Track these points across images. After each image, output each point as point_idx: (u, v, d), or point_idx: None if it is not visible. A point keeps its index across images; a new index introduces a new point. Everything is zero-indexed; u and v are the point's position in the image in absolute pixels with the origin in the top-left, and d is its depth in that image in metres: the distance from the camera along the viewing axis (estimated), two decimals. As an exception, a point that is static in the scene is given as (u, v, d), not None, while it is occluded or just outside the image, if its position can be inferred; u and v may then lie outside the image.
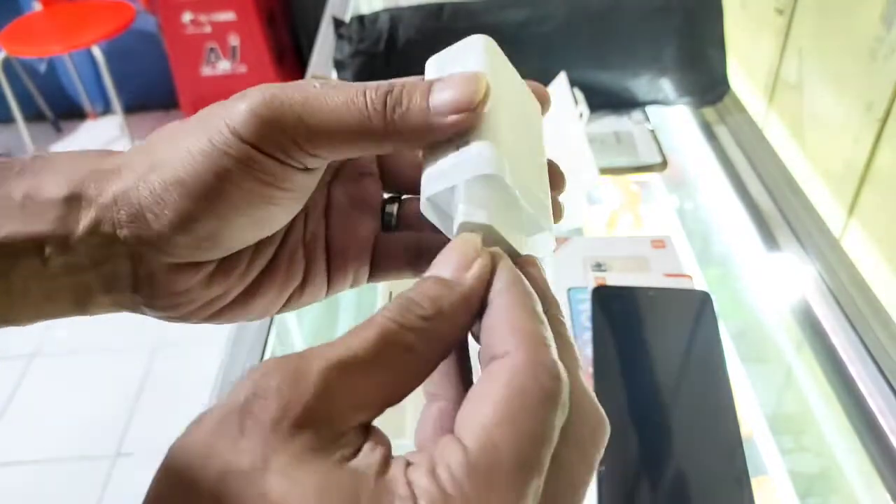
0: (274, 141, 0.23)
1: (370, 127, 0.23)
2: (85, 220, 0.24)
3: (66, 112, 2.90)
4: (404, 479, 0.17)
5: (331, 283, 0.29)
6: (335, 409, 0.17)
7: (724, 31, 0.89)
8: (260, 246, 0.27)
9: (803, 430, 0.68)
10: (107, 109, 2.94)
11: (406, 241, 0.29)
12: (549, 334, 0.20)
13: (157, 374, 1.87)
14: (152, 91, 2.81)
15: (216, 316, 0.27)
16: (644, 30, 0.88)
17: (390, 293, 0.61)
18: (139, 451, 1.67)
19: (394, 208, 0.29)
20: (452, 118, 0.22)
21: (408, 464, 0.18)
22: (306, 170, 0.24)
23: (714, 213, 0.88)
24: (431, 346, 0.19)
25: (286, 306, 0.28)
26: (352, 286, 0.29)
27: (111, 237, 0.24)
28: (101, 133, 2.86)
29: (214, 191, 0.23)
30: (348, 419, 0.18)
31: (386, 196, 0.30)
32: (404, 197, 0.30)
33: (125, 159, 0.25)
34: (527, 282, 0.21)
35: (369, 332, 0.19)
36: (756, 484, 0.43)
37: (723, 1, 0.88)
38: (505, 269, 0.21)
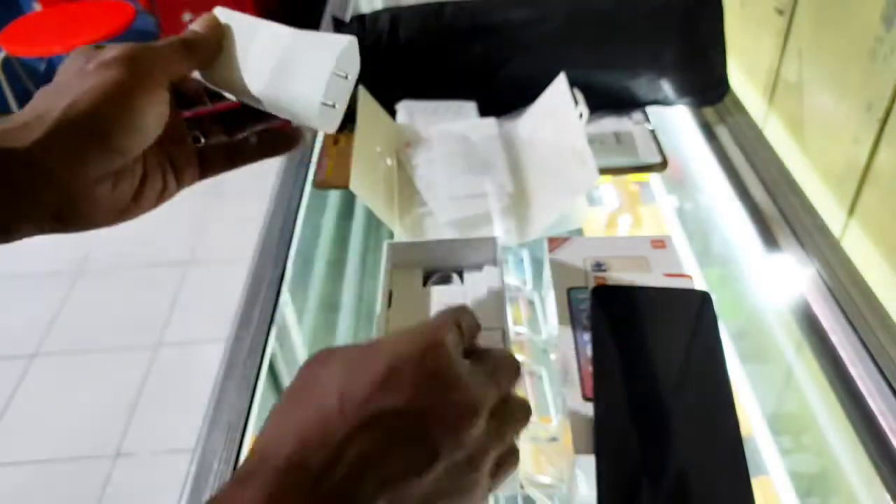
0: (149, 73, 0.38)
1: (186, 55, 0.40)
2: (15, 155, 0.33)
3: (66, 112, 2.90)
4: None
5: (179, 182, 0.43)
6: None
7: (724, 31, 0.89)
8: (133, 166, 0.39)
9: (803, 430, 0.68)
10: (107, 109, 2.94)
11: (224, 149, 0.45)
12: None
13: (157, 374, 1.87)
14: (152, 91, 2.81)
15: (116, 219, 0.40)
16: (644, 30, 0.88)
17: (390, 292, 0.62)
18: (139, 451, 1.67)
19: (196, 133, 0.44)
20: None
21: None
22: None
23: (714, 213, 0.88)
24: None
25: (159, 201, 0.42)
26: (190, 184, 0.44)
27: (45, 169, 0.34)
28: (101, 133, 2.86)
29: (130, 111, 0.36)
30: None
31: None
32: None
33: (32, 113, 0.35)
34: None
35: None
36: (756, 484, 0.43)
37: (723, 1, 0.88)
38: None
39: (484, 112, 0.91)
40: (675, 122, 0.97)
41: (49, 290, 2.19)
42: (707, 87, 0.91)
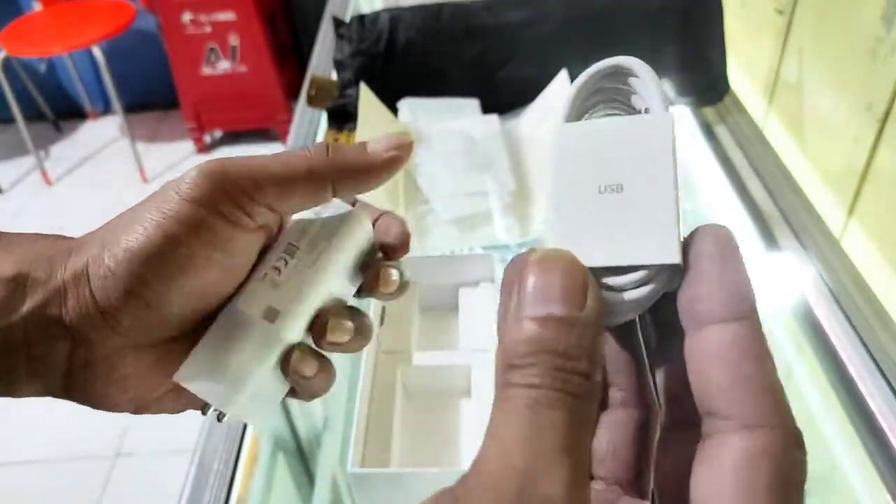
0: (224, 195, 0.25)
1: (313, 167, 0.25)
2: (30, 302, 0.24)
3: (66, 112, 2.90)
4: None
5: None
6: None
7: (724, 31, 0.89)
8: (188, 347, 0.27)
9: (803, 430, 0.68)
10: (107, 109, 2.94)
11: None
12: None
13: (156, 374, 1.86)
14: (152, 91, 2.81)
15: (141, 409, 0.28)
16: (644, 30, 0.88)
17: (383, 308, 0.62)
18: (139, 451, 1.67)
19: None
20: (390, 153, 0.26)
21: None
22: (250, 230, 0.26)
23: (714, 213, 0.88)
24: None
25: (186, 408, 0.30)
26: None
27: (55, 319, 0.25)
28: (101, 133, 2.86)
29: (163, 255, 0.24)
30: None
31: None
32: None
33: (79, 241, 0.26)
34: None
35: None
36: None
37: (723, 1, 0.88)
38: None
39: (484, 112, 0.91)
40: (675, 122, 0.97)
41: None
42: (707, 87, 0.91)
